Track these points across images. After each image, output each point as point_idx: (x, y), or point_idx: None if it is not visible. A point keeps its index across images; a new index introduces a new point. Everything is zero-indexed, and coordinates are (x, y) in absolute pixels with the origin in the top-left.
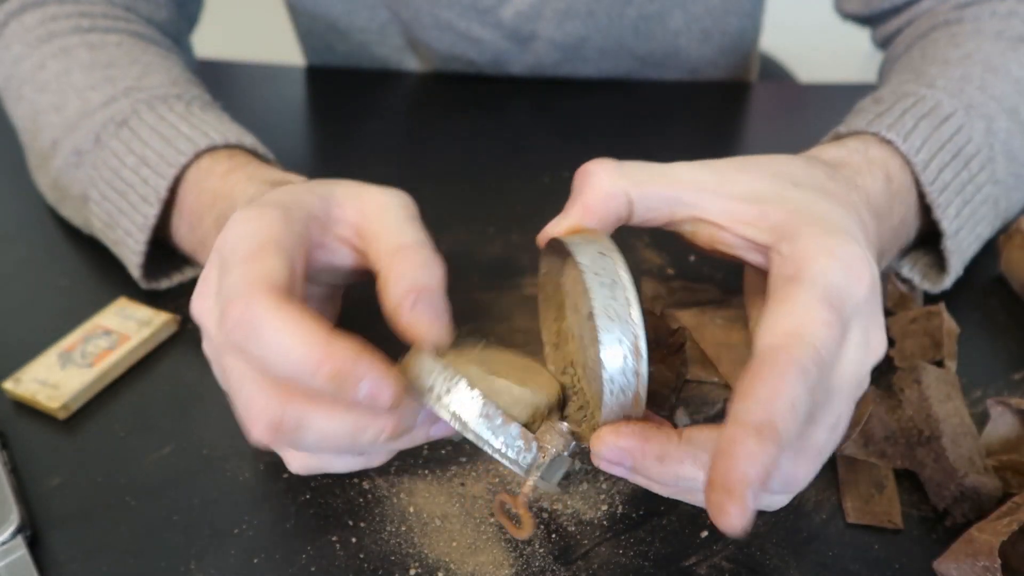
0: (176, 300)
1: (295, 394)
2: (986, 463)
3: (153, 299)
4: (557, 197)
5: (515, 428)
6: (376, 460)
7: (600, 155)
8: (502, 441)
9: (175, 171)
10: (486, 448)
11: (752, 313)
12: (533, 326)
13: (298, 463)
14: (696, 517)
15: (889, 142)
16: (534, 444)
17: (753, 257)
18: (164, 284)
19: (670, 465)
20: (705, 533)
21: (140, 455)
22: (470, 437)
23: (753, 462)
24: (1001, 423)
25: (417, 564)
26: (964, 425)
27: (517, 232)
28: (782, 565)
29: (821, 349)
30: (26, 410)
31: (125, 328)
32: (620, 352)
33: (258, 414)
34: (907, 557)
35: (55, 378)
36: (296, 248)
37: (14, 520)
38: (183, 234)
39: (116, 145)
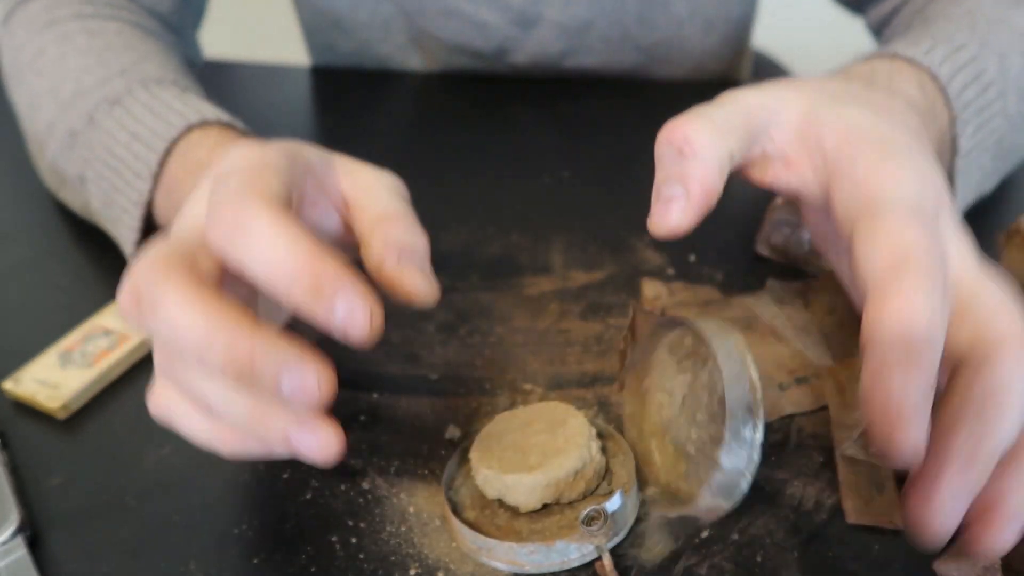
0: None
1: (168, 273)
2: None
3: None
4: (557, 197)
5: (559, 544)
6: (228, 443)
7: (600, 155)
8: (559, 558)
9: (166, 144)
10: (554, 569)
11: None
12: (533, 326)
13: (156, 398)
14: (697, 517)
15: (912, 59)
16: (584, 537)
17: (813, 192)
18: None
19: None
20: (705, 533)
21: (140, 455)
22: (533, 571)
23: (905, 388)
24: None
25: (417, 564)
26: None
27: (517, 232)
28: (782, 565)
29: (930, 262)
30: (26, 410)
31: (125, 328)
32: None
33: (128, 280)
34: (907, 557)
35: (55, 378)
36: (294, 183)
37: (14, 520)
38: (159, 202)
39: (109, 124)
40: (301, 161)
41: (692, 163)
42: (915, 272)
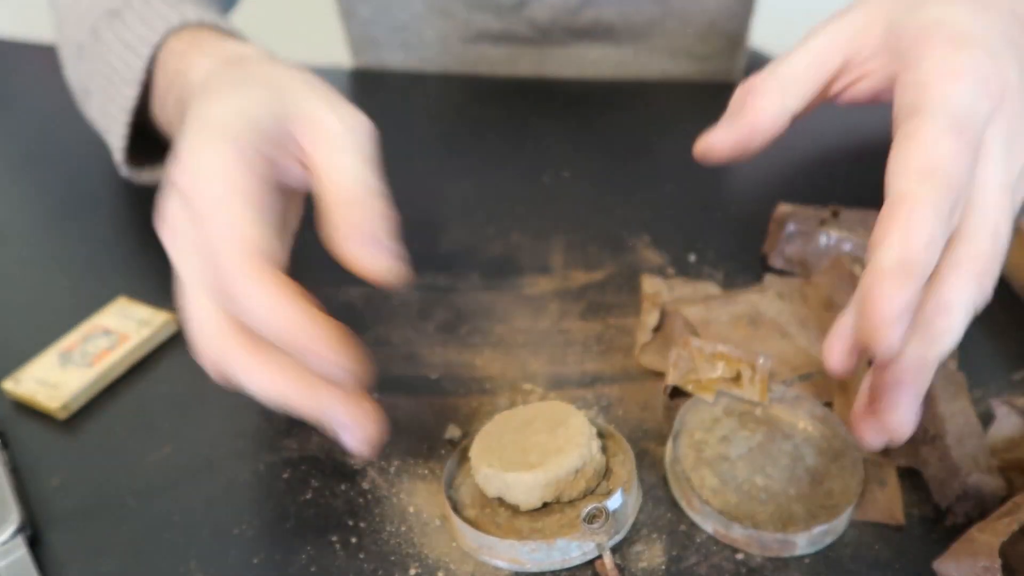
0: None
1: (237, 343)
2: (990, 462)
3: (153, 299)
4: (557, 197)
5: (560, 542)
6: None
7: (600, 155)
8: (560, 556)
9: (150, 50)
10: (555, 568)
11: None
12: (533, 326)
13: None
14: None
15: None
16: (585, 534)
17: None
18: (146, 177)
19: None
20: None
21: (140, 455)
22: (534, 570)
23: (892, 301)
24: (1006, 423)
25: (417, 564)
26: (970, 424)
27: (517, 232)
28: (782, 565)
29: (952, 180)
30: (26, 410)
31: (125, 328)
32: None
33: (203, 349)
34: (907, 557)
35: (55, 378)
36: (266, 151)
37: (14, 520)
38: (157, 113)
39: (108, 36)
40: (251, 143)
41: (747, 111)
42: (928, 194)
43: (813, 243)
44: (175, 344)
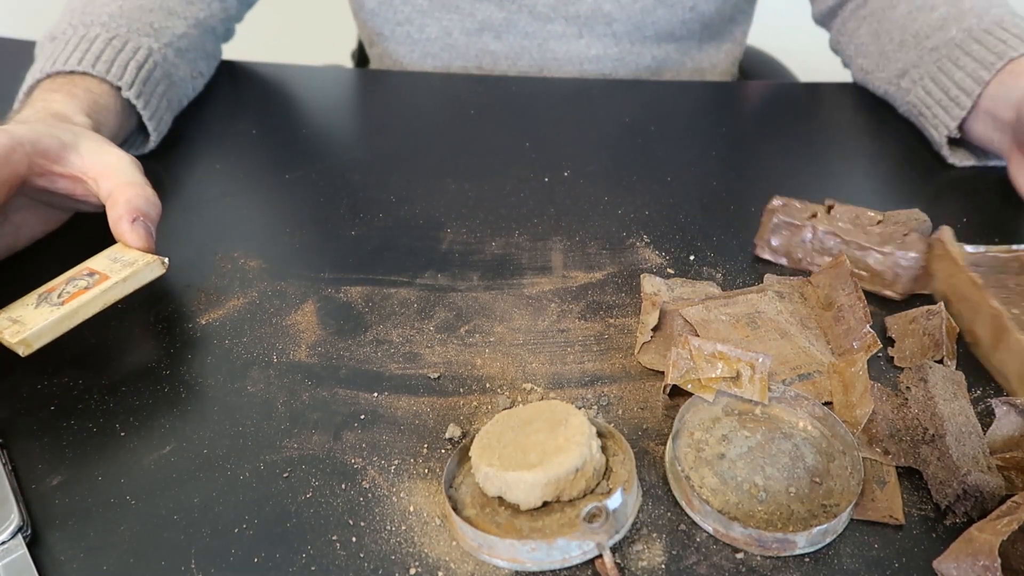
0: (166, 247)
1: None
2: (990, 462)
3: (153, 299)
4: (557, 197)
5: (560, 541)
6: None
7: (600, 155)
8: (560, 556)
9: (31, 81)
10: (555, 567)
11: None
12: (533, 326)
13: None
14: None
15: None
16: (585, 533)
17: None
18: None
19: None
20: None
21: (140, 455)
22: (534, 569)
23: None
24: (1006, 422)
25: (417, 564)
26: (969, 424)
27: (517, 232)
28: (781, 565)
29: None
30: (26, 410)
31: (110, 270)
32: None
33: None
34: (907, 556)
35: (26, 317)
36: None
37: (14, 520)
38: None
39: (40, 55)
40: (26, 148)
41: None
42: None
43: (798, 236)
44: (176, 343)
